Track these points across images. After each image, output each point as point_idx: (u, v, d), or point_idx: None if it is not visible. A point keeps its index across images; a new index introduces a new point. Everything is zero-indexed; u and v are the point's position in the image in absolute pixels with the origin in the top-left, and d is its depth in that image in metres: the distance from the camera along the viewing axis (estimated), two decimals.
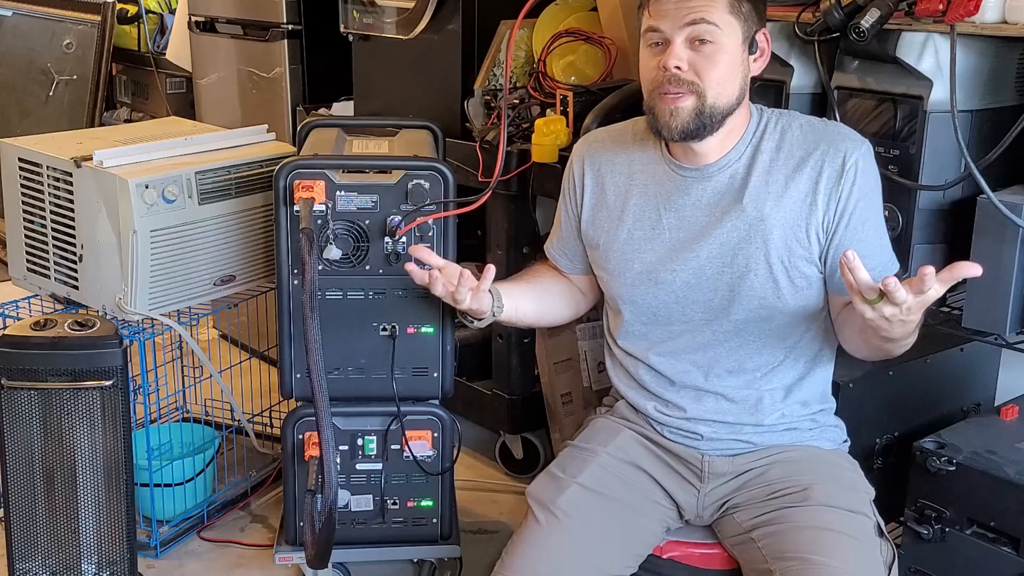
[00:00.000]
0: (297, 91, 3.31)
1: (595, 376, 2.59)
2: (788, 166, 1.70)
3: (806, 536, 1.64)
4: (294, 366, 2.13)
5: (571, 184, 1.90)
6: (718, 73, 1.65)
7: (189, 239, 2.39)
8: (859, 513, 1.69)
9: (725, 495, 1.80)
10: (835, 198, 1.68)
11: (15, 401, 2.07)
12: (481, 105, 2.53)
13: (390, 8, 2.70)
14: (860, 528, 1.67)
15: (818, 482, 1.72)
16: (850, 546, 1.62)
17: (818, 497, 1.69)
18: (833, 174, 1.68)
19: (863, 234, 1.69)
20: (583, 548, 1.72)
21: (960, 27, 1.73)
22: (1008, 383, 2.29)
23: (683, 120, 1.66)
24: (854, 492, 1.73)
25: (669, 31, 1.65)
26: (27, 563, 2.14)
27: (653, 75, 1.68)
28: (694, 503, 1.82)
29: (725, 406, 1.79)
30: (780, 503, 1.72)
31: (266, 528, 2.61)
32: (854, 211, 1.68)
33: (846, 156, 1.68)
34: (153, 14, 4.27)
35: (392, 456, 2.18)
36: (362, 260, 2.07)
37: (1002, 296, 1.77)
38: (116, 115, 4.41)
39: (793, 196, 1.69)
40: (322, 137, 2.27)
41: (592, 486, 1.79)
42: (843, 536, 1.63)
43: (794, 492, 1.72)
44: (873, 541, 1.67)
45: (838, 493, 1.70)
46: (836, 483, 1.73)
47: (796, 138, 1.72)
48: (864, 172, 1.69)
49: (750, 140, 1.74)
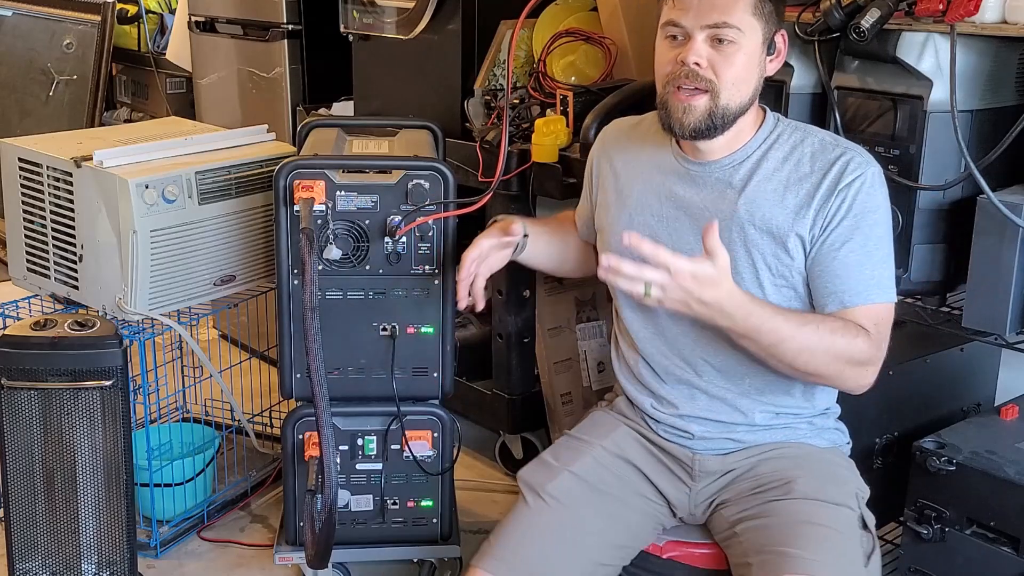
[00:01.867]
0: (297, 91, 3.31)
1: (595, 376, 2.59)
2: (791, 178, 1.70)
3: (785, 529, 1.64)
4: (294, 366, 2.13)
5: (589, 168, 1.96)
6: (735, 73, 1.66)
7: (189, 239, 2.39)
8: (842, 506, 1.68)
9: (715, 492, 1.80)
10: (823, 213, 1.67)
11: (15, 401, 2.07)
12: (481, 105, 2.53)
13: (390, 8, 2.70)
14: (841, 520, 1.66)
15: (803, 475, 1.72)
16: (829, 539, 1.61)
17: (801, 490, 1.69)
18: (828, 190, 1.67)
19: (842, 253, 1.67)
20: (568, 534, 1.74)
21: (960, 27, 1.73)
22: (1008, 383, 2.29)
23: (696, 118, 1.67)
24: (840, 485, 1.73)
25: (690, 27, 1.65)
26: (27, 563, 2.14)
27: (669, 68, 1.68)
28: (686, 501, 1.82)
29: (717, 405, 1.79)
30: (764, 497, 1.72)
31: (266, 528, 2.61)
32: (837, 228, 1.66)
33: (844, 174, 1.67)
34: (153, 14, 4.27)
35: (392, 456, 2.18)
36: (362, 260, 2.07)
37: (1002, 296, 1.77)
38: (116, 115, 4.41)
39: (787, 206, 1.69)
40: (322, 137, 2.27)
41: (583, 476, 1.80)
42: (822, 528, 1.63)
43: (778, 486, 1.72)
44: (854, 533, 1.66)
45: (822, 486, 1.70)
46: (821, 476, 1.73)
47: (805, 154, 1.72)
48: (862, 194, 1.66)
49: (759, 145, 1.74)
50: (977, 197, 1.78)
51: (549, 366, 2.55)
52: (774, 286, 1.71)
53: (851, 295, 1.67)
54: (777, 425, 1.79)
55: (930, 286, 1.94)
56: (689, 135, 1.69)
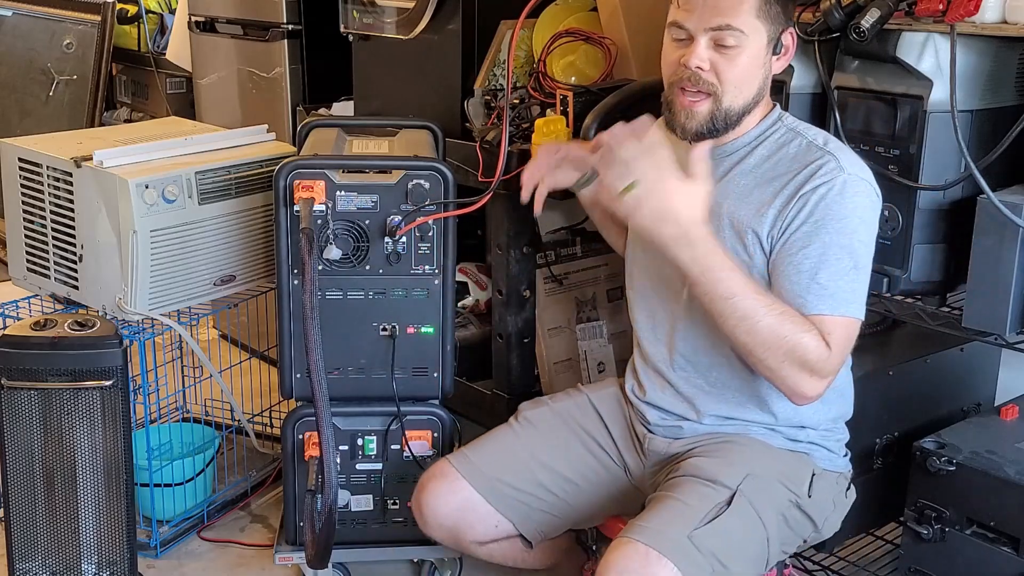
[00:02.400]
0: (297, 91, 3.31)
1: (595, 376, 2.59)
2: (764, 176, 1.72)
3: (648, 504, 1.70)
4: (294, 366, 2.13)
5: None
6: (737, 76, 1.67)
7: (189, 239, 2.39)
8: (715, 483, 1.67)
9: (659, 474, 1.86)
10: (784, 215, 1.67)
11: (15, 401, 2.07)
12: (481, 105, 2.53)
13: (390, 8, 2.70)
14: (699, 494, 1.65)
15: (700, 455, 1.76)
16: (667, 508, 1.64)
17: (685, 468, 1.74)
18: (790, 193, 1.67)
19: (797, 259, 1.65)
20: (524, 451, 1.95)
21: (960, 27, 1.73)
22: (1008, 383, 2.29)
23: (697, 123, 1.70)
24: (727, 466, 1.71)
25: (694, 29, 1.66)
26: (27, 563, 2.14)
27: (674, 69, 1.71)
28: (641, 476, 1.92)
29: (678, 402, 1.85)
30: (665, 479, 1.78)
31: (266, 528, 2.61)
32: (797, 231, 1.66)
33: (812, 178, 1.66)
34: (153, 14, 4.27)
35: (392, 456, 2.18)
36: (362, 260, 2.07)
37: (1002, 296, 1.77)
38: (116, 115, 4.41)
39: (750, 203, 1.71)
40: (322, 137, 2.27)
41: (560, 412, 2.00)
42: (670, 499, 1.66)
43: (680, 465, 1.76)
44: (704, 503, 1.64)
45: (707, 464, 1.72)
46: (719, 456, 1.74)
47: (788, 154, 1.72)
48: (826, 200, 1.64)
49: (749, 141, 1.75)
50: (977, 197, 1.78)
51: (549, 366, 2.55)
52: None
53: (800, 302, 1.64)
54: (726, 423, 1.83)
55: (930, 286, 1.94)
56: (692, 138, 1.71)
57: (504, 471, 1.93)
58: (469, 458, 1.95)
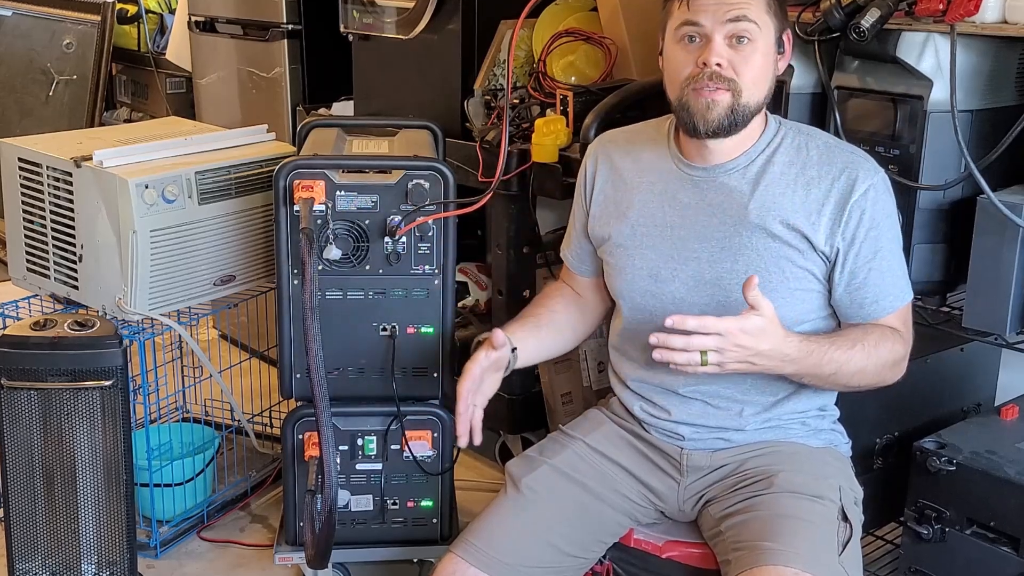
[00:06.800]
0: (297, 91, 3.31)
1: (595, 376, 2.59)
2: (799, 180, 1.71)
3: (763, 524, 1.65)
4: (294, 366, 2.13)
5: (583, 179, 1.93)
6: (754, 72, 1.66)
7: (189, 239, 2.39)
8: (822, 498, 1.68)
9: (703, 488, 1.81)
10: (844, 229, 1.68)
11: (15, 401, 2.07)
12: (481, 105, 2.53)
13: (390, 8, 2.70)
14: (817, 512, 1.66)
15: (786, 470, 1.73)
16: (802, 530, 1.62)
17: (781, 484, 1.70)
18: (839, 201, 1.68)
19: (875, 263, 1.70)
20: (540, 525, 1.76)
21: (960, 27, 1.73)
22: (1008, 383, 2.29)
23: (719, 114, 1.66)
24: (822, 479, 1.72)
25: (710, 26, 1.65)
26: (27, 563, 2.14)
27: (688, 71, 1.67)
28: (675, 496, 1.83)
29: (710, 411, 1.79)
30: (746, 492, 1.73)
31: (266, 528, 2.61)
32: (865, 239, 1.69)
33: (856, 183, 1.68)
34: (153, 14, 4.28)
35: (392, 456, 2.18)
36: (362, 260, 2.07)
37: (1002, 296, 1.77)
38: (116, 115, 4.41)
39: (798, 213, 1.69)
40: (322, 137, 2.27)
41: (562, 469, 1.82)
42: (797, 521, 1.63)
43: (761, 480, 1.73)
44: (830, 524, 1.66)
45: (804, 480, 1.71)
46: (805, 471, 1.73)
47: (811, 157, 1.72)
48: (875, 201, 1.69)
49: (763, 149, 1.74)
50: (977, 197, 1.78)
51: (549, 366, 2.55)
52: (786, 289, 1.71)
53: (890, 301, 1.72)
54: (766, 428, 1.80)
55: (930, 286, 1.94)
56: (712, 131, 1.68)
57: (524, 556, 1.74)
58: (478, 547, 1.74)
